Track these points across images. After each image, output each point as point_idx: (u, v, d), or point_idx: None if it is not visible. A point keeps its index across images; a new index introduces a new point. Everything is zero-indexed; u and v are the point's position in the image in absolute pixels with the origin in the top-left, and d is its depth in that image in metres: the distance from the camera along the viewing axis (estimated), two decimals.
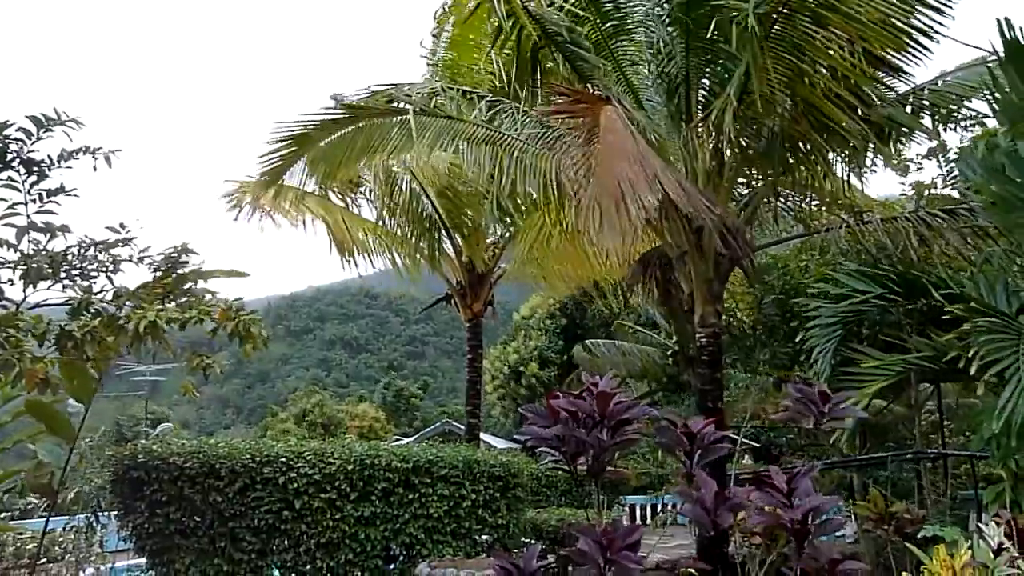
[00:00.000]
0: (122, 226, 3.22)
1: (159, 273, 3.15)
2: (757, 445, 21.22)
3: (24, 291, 3.13)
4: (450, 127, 8.55)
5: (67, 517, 8.74)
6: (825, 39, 6.69)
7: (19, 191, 3.16)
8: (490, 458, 8.56)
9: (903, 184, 13.51)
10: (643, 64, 8.92)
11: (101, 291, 3.15)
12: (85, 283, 3.11)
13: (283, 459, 7.61)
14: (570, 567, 3.65)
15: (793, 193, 9.61)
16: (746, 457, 21.51)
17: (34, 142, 3.11)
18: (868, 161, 8.79)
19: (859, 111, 7.30)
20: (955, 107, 8.16)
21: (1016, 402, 5.29)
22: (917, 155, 13.80)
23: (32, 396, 3.40)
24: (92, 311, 3.02)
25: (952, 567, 3.50)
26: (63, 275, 3.09)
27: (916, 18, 6.61)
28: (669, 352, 20.97)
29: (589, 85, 8.67)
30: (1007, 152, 5.95)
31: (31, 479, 3.63)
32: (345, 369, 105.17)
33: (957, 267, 9.11)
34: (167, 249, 3.22)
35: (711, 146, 8.39)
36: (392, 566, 7.83)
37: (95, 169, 3.09)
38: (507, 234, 14.66)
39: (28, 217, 3.14)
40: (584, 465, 4.02)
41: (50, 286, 3.11)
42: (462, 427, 16.92)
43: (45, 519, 6.59)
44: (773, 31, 6.95)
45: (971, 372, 5.65)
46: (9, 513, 10.18)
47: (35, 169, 3.12)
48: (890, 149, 9.03)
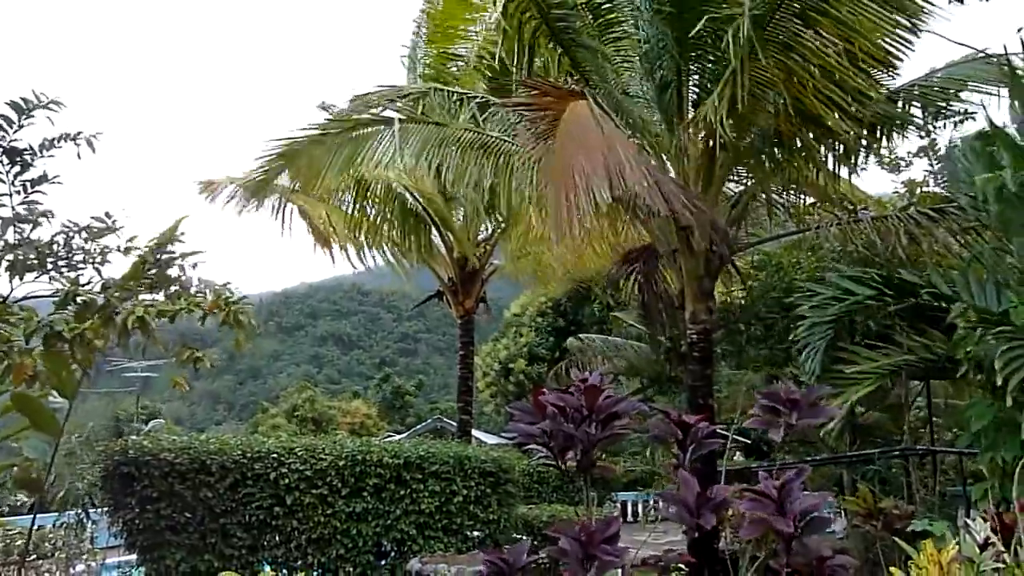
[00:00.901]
0: (108, 215, 3.18)
1: (146, 263, 3.11)
2: (748, 442, 21.30)
3: (11, 283, 3.09)
4: (438, 132, 8.56)
5: (57, 513, 8.71)
6: (814, 38, 6.71)
7: (3, 182, 3.11)
8: (481, 454, 8.56)
9: (895, 182, 13.57)
10: (634, 61, 8.92)
11: (89, 283, 3.11)
12: (72, 274, 3.07)
13: (274, 455, 7.59)
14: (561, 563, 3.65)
15: (786, 190, 9.63)
16: (737, 454, 21.59)
17: (16, 131, 3.06)
18: (860, 158, 8.82)
19: (849, 108, 7.31)
20: (943, 103, 8.20)
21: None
22: (908, 152, 13.87)
23: (20, 390, 3.36)
24: (79, 302, 2.99)
25: (939, 562, 3.50)
26: (49, 266, 3.06)
27: (904, 17, 6.64)
28: (662, 349, 21.00)
29: (584, 80, 8.68)
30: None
31: (19, 475, 3.60)
32: (337, 366, 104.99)
33: (947, 264, 9.15)
34: (155, 238, 3.18)
35: (701, 144, 8.40)
36: (383, 562, 7.83)
37: (79, 156, 3.05)
38: (499, 231, 14.66)
39: (13, 208, 3.10)
40: (573, 460, 4.02)
41: (36, 277, 3.07)
42: (454, 424, 16.92)
43: (33, 515, 6.56)
44: (766, 31, 6.97)
45: (964, 373, 5.65)
46: None
47: (18, 159, 3.07)
48: (881, 146, 9.06)
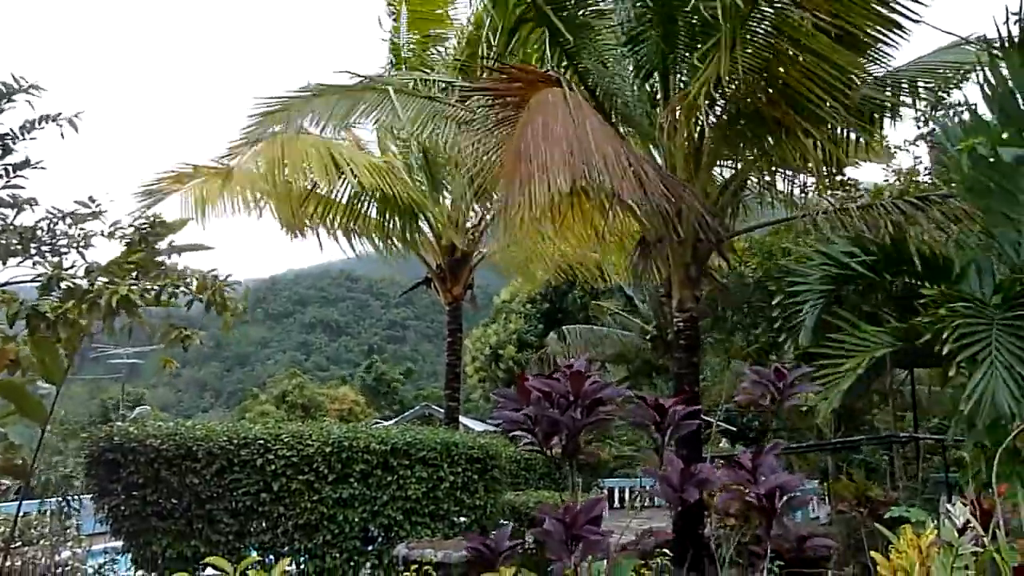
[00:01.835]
0: (92, 199, 3.16)
1: (131, 247, 3.10)
2: (734, 429, 21.46)
3: None
4: (430, 106, 8.57)
5: (40, 501, 8.67)
6: (802, 19, 6.71)
7: None
8: (468, 440, 8.58)
9: (886, 169, 13.62)
10: (618, 47, 8.90)
11: (72, 266, 3.09)
12: (55, 259, 3.05)
13: (261, 441, 7.58)
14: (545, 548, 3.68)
15: (776, 175, 9.63)
16: (723, 441, 21.75)
17: None
18: (850, 145, 8.84)
19: (838, 93, 7.32)
20: (933, 86, 8.23)
21: (986, 385, 5.37)
22: (906, 140, 13.91)
23: (3, 377, 3.35)
24: (63, 287, 2.97)
25: (918, 546, 3.55)
26: (33, 251, 3.03)
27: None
28: (648, 336, 21.10)
29: (572, 68, 8.67)
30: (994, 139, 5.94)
31: (3, 461, 3.59)
32: (325, 352, 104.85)
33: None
34: (138, 222, 3.16)
35: (687, 130, 8.40)
36: (370, 547, 7.86)
37: (63, 136, 3.02)
38: (487, 217, 14.63)
39: None
40: (558, 446, 4.04)
41: (20, 262, 3.05)
42: (442, 410, 16.93)
43: (18, 502, 6.53)
44: (752, 13, 6.97)
45: (943, 353, 5.69)
46: None
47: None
48: (872, 132, 9.07)
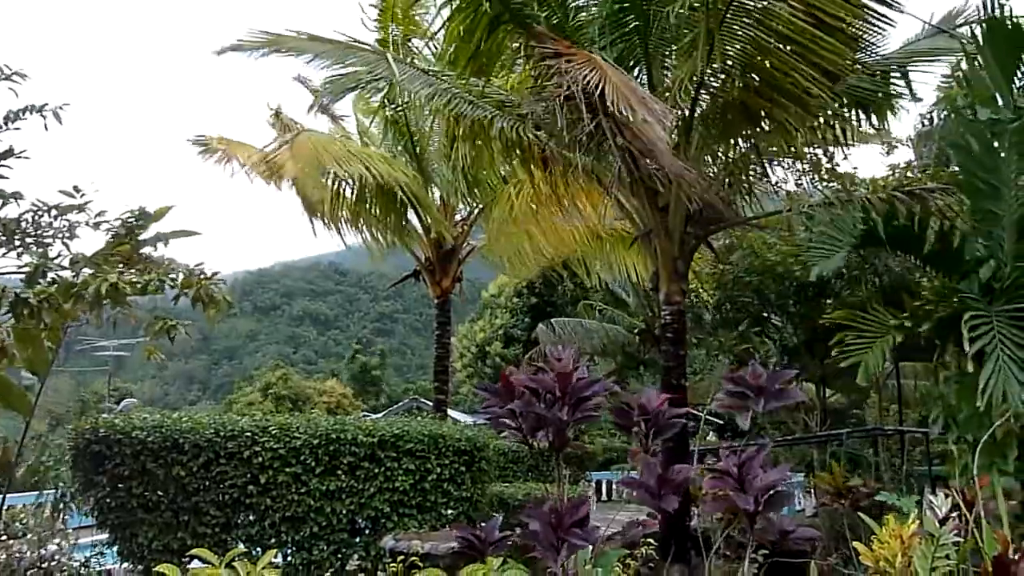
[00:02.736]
0: (76, 190, 3.13)
1: (117, 238, 3.08)
2: (721, 422, 21.56)
3: None
4: (440, 84, 8.66)
5: (35, 493, 8.61)
6: (787, 11, 6.74)
7: None
8: (456, 432, 8.58)
9: (884, 162, 13.69)
10: (600, 40, 8.91)
11: (57, 256, 3.07)
12: (40, 249, 3.03)
13: (248, 433, 7.56)
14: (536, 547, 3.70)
15: (765, 168, 9.65)
16: (711, 434, 21.86)
17: None
18: (838, 136, 8.87)
19: (825, 85, 7.34)
20: (904, 75, 8.28)
21: (997, 379, 5.40)
22: (908, 137, 13.94)
23: None
24: (49, 279, 2.95)
25: (901, 536, 3.60)
26: (17, 242, 3.01)
27: None
28: (635, 331, 21.16)
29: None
30: (972, 130, 5.99)
31: None
32: (314, 346, 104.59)
33: None
34: (124, 214, 3.14)
35: (673, 122, 8.41)
36: (357, 539, 7.86)
37: (46, 128, 3.00)
38: (476, 210, 14.64)
39: None
40: (545, 440, 4.05)
41: (4, 254, 3.03)
42: (430, 404, 16.95)
43: (3, 495, 6.49)
44: (731, 4, 7.00)
45: (964, 348, 5.66)
46: None
47: None
48: (860, 123, 9.09)
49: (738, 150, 9.01)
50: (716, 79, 8.06)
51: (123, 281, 3.10)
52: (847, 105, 8.46)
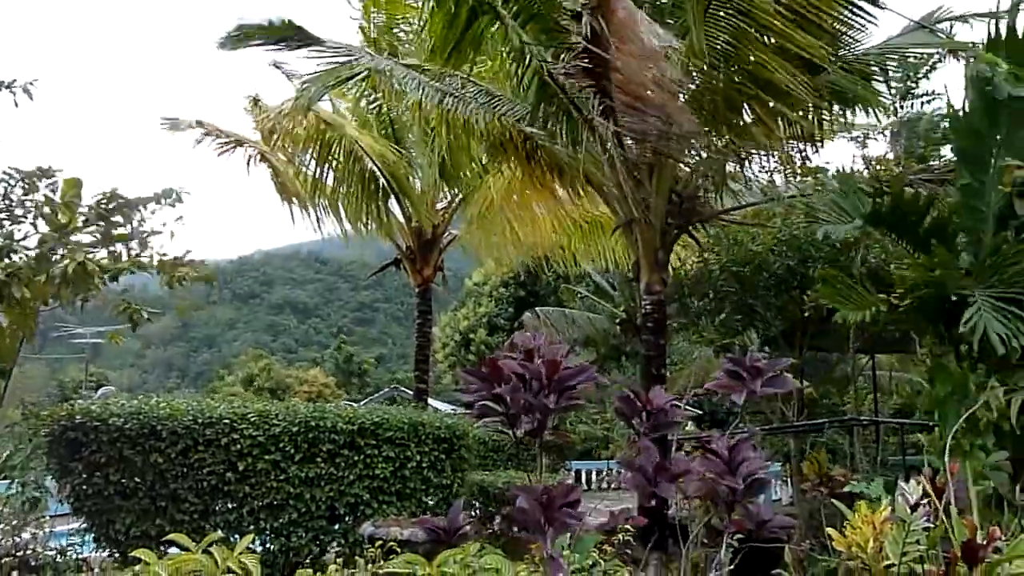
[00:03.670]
0: (45, 172, 3.09)
1: (87, 220, 3.04)
2: (700, 412, 21.75)
3: None
4: (421, 77, 8.64)
5: (6, 482, 8.51)
6: (771, 6, 6.78)
7: None
8: (436, 420, 8.60)
9: (858, 157, 13.79)
10: None
11: (24, 237, 3.03)
12: (8, 229, 2.99)
13: (226, 420, 7.52)
14: (515, 528, 3.73)
15: (746, 160, 9.70)
16: (690, 423, 22.04)
17: None
18: (819, 129, 8.93)
19: (806, 78, 7.39)
20: (902, 74, 8.34)
21: (979, 317, 5.43)
22: (886, 128, 14.05)
23: None
24: (17, 258, 2.91)
25: (873, 522, 3.66)
26: None
27: None
28: (617, 320, 21.25)
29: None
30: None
31: None
32: (294, 334, 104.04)
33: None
34: (96, 196, 3.10)
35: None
36: (337, 526, 7.86)
37: (16, 104, 2.95)
38: (457, 199, 14.61)
39: None
40: (529, 425, 4.06)
41: None
42: (411, 393, 16.94)
43: None
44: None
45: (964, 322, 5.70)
46: None
47: None
48: (838, 117, 9.16)
49: (720, 141, 9.04)
50: (699, 71, 8.08)
51: (91, 261, 3.06)
52: (827, 99, 8.52)
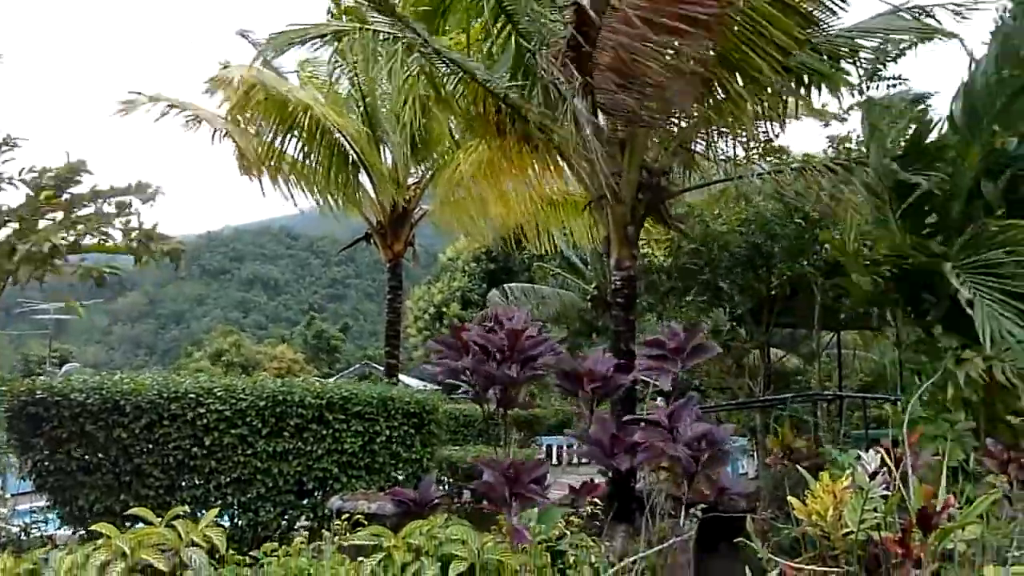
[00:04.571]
0: (9, 138, 2.99)
1: (45, 193, 2.95)
2: (669, 388, 21.97)
3: None
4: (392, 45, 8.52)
5: None
6: None
7: None
8: (405, 395, 8.57)
9: (827, 137, 13.90)
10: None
11: None
12: None
13: (192, 395, 7.43)
14: (483, 501, 3.74)
15: (715, 138, 9.73)
16: (658, 399, 22.26)
17: None
18: (789, 111, 8.97)
19: (778, 59, 7.41)
20: (872, 56, 8.40)
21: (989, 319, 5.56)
22: (848, 108, 14.16)
23: None
24: None
25: (833, 491, 3.73)
26: None
27: None
28: (588, 297, 21.33)
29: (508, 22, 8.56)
30: None
31: None
32: (264, 311, 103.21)
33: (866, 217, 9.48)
34: (56, 167, 3.01)
35: None
36: (305, 501, 7.83)
37: None
38: (429, 174, 14.51)
39: None
40: (495, 397, 4.07)
41: None
42: (382, 369, 16.90)
43: None
44: None
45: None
46: None
47: None
48: (808, 98, 9.20)
49: (690, 119, 9.05)
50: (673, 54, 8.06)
51: (55, 239, 2.99)
52: (797, 80, 8.54)
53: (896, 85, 10.39)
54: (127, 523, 6.56)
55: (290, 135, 12.19)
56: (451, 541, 3.44)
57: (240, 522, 7.57)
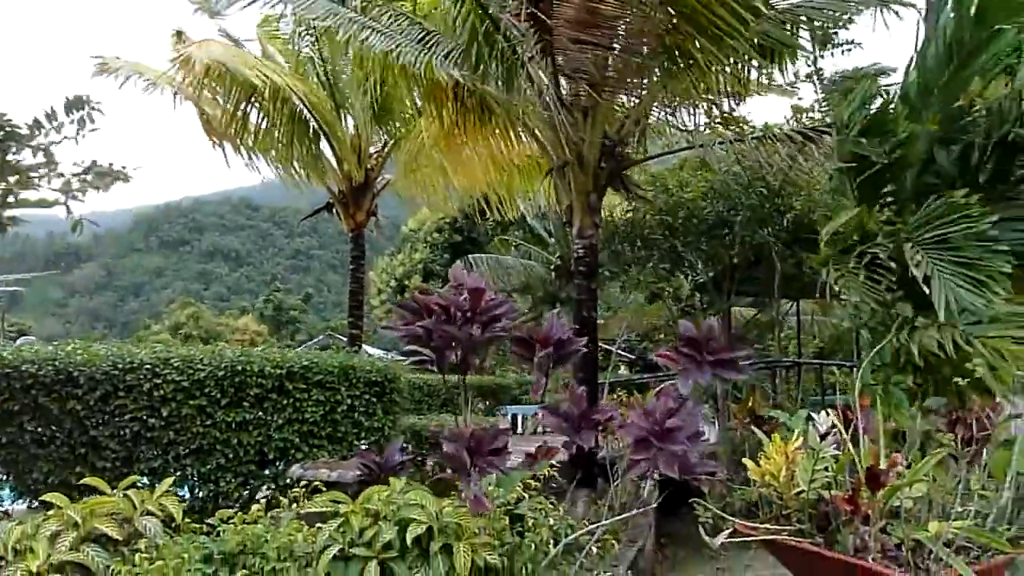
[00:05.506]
0: None
1: None
2: (632, 356, 22.20)
3: None
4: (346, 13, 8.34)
5: None
6: None
7: None
8: (367, 364, 8.51)
9: (790, 106, 14.00)
10: None
11: None
12: None
13: (148, 366, 7.30)
14: (448, 470, 3.75)
15: (677, 106, 9.73)
16: (622, 367, 22.50)
17: None
18: (750, 78, 9.00)
19: (740, 26, 7.39)
20: (823, 24, 8.45)
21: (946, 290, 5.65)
22: (796, 75, 14.26)
23: None
24: None
25: (786, 452, 3.80)
26: None
27: None
28: (552, 267, 21.38)
29: None
30: None
31: None
32: (226, 282, 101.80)
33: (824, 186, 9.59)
34: None
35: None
36: (266, 471, 7.78)
37: None
38: (391, 143, 14.32)
39: None
40: (453, 358, 4.03)
41: None
42: (345, 340, 16.79)
43: None
44: None
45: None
46: None
47: None
48: (769, 68, 9.24)
49: (653, 82, 9.03)
50: (637, 9, 8.00)
51: None
52: (763, 49, 8.56)
53: (850, 51, 10.50)
54: (82, 495, 6.48)
55: (250, 105, 11.92)
56: (409, 505, 3.44)
57: (201, 493, 7.51)
